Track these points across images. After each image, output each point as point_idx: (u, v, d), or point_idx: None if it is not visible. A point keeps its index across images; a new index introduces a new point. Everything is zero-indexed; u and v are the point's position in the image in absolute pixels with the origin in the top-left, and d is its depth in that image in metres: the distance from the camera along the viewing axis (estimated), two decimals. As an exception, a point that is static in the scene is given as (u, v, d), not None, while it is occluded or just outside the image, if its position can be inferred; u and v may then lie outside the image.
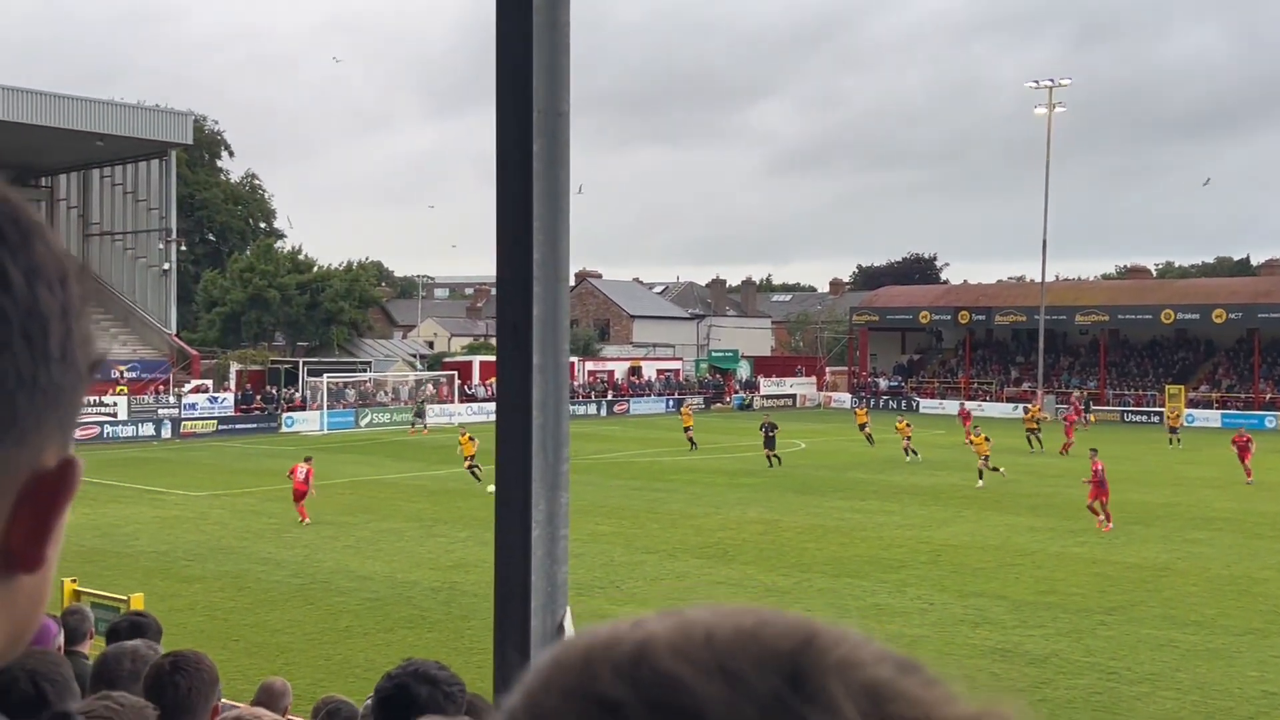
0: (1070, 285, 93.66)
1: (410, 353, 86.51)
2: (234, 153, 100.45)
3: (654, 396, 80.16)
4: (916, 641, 18.42)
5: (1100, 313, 79.78)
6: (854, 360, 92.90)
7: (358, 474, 40.92)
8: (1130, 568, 24.62)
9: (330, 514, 31.33)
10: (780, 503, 33.87)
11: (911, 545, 27.11)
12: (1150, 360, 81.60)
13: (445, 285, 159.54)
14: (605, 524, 29.55)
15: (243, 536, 27.80)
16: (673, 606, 0.79)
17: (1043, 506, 33.69)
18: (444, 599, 21.17)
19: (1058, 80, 77.92)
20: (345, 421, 62.71)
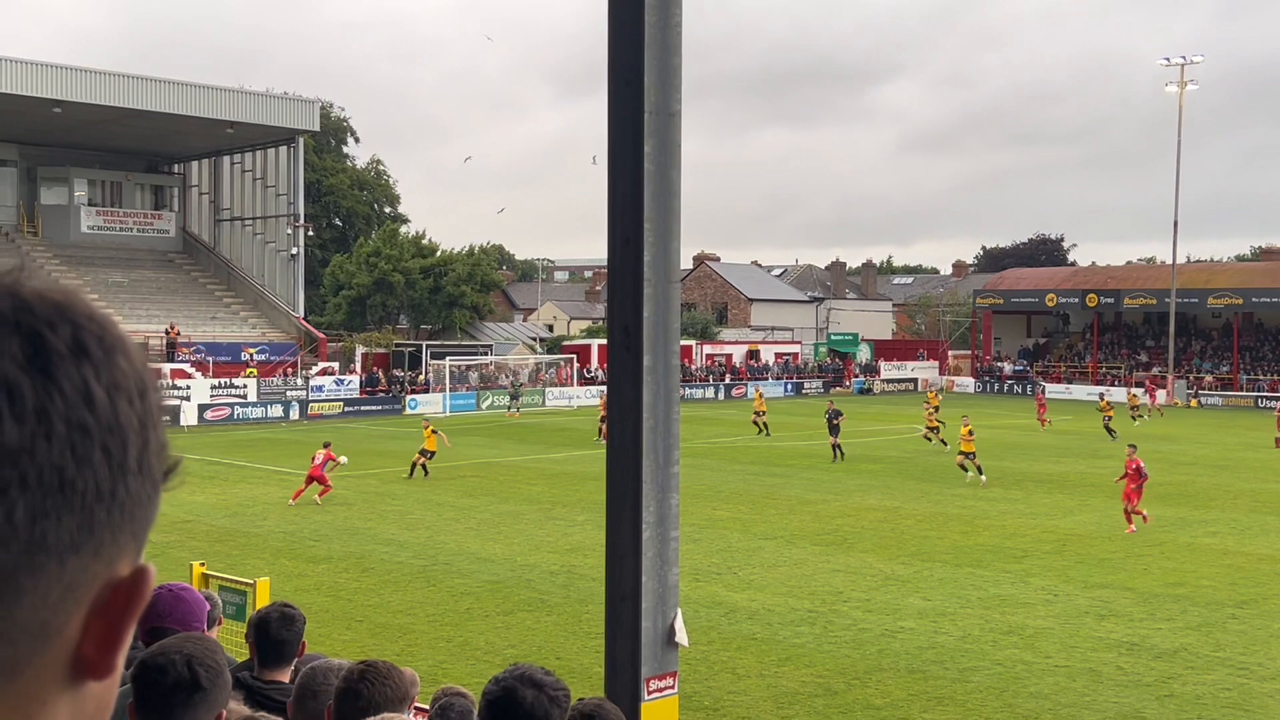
0: (1202, 267, 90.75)
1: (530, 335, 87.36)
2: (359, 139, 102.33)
3: (772, 380, 79.78)
4: (1039, 633, 18.08)
5: (1233, 295, 77.20)
6: (977, 344, 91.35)
7: (479, 456, 41.44)
8: (1264, 559, 23.82)
9: (451, 496, 31.80)
10: (900, 490, 33.47)
11: (1036, 534, 26.58)
12: (1288, 344, 78.78)
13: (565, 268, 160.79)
14: (723, 509, 29.51)
15: (367, 518, 28.34)
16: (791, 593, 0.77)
17: (1172, 495, 32.75)
18: (562, 583, 21.33)
19: (1190, 57, 75.55)
20: (467, 404, 63.57)
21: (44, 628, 0.89)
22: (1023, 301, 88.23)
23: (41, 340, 0.89)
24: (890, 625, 18.55)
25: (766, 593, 20.67)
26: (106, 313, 0.95)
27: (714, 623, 18.35)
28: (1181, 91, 75.79)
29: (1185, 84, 75.67)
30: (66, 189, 67.28)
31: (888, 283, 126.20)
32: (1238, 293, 77.19)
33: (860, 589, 21.02)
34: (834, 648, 17.27)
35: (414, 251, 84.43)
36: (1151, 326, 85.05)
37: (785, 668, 16.29)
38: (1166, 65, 76.70)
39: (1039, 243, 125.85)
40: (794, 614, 19.16)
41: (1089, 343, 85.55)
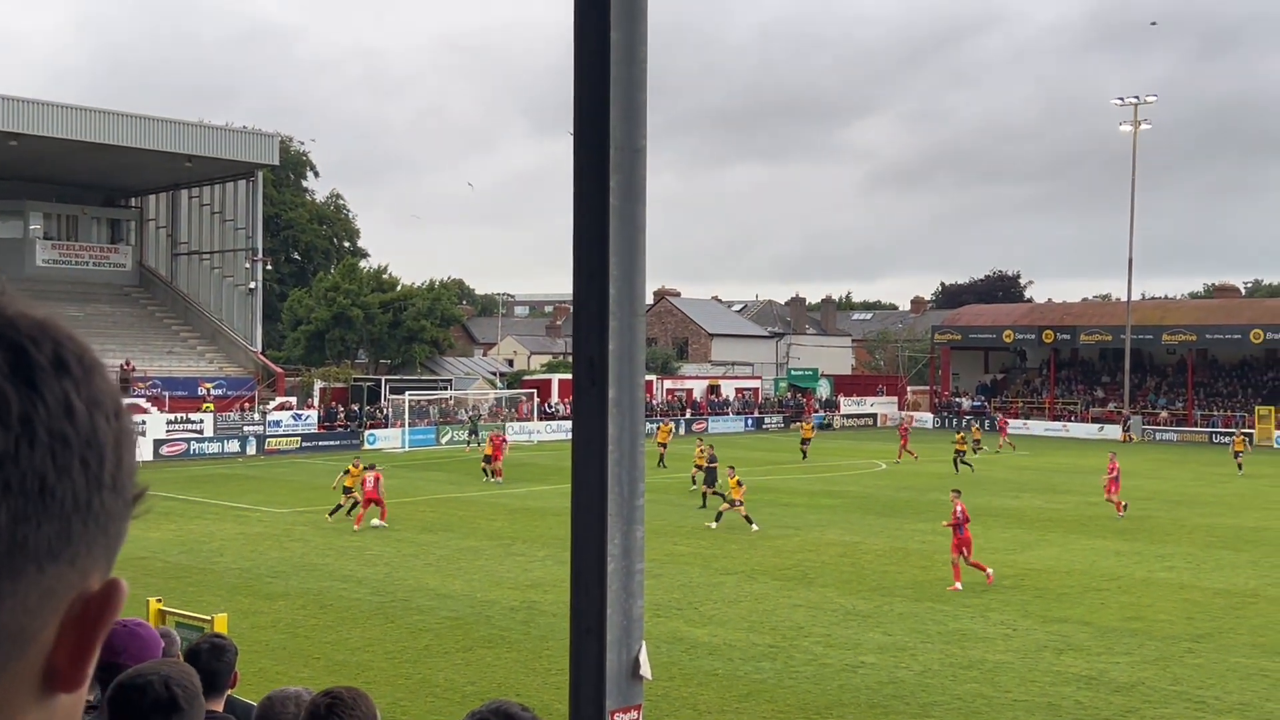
0: (1157, 304, 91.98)
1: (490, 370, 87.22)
2: (319, 173, 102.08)
3: (733, 415, 79.99)
4: (999, 668, 18.15)
5: (1188, 332, 78.26)
6: (935, 379, 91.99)
7: (438, 492, 41.24)
8: (1219, 594, 24.05)
9: (410, 532, 31.59)
10: (861, 525, 33.59)
11: (995, 569, 26.71)
12: (1239, 381, 79.83)
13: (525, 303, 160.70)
14: (684, 544, 29.49)
15: (325, 553, 28.12)
16: (752, 628, 0.79)
17: (1129, 530, 33.04)
18: (523, 619, 21.23)
19: (1144, 97, 76.86)
20: (426, 439, 63.31)
21: (21, 633, 0.91)
22: (980, 338, 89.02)
23: (25, 353, 0.91)
24: (851, 660, 18.57)
25: (727, 628, 20.66)
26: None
27: (675, 659, 18.30)
28: (1135, 131, 77.05)
29: (1139, 123, 76.94)
30: (21, 222, 66.66)
31: (847, 318, 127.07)
32: (1192, 329, 78.24)
33: (821, 624, 21.04)
34: (795, 683, 17.26)
35: (373, 286, 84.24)
36: (1107, 362, 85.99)
37: (746, 703, 16.26)
38: (1121, 105, 77.96)
39: (996, 279, 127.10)
40: (755, 649, 19.15)
41: (1046, 378, 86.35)
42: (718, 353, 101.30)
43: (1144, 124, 77.20)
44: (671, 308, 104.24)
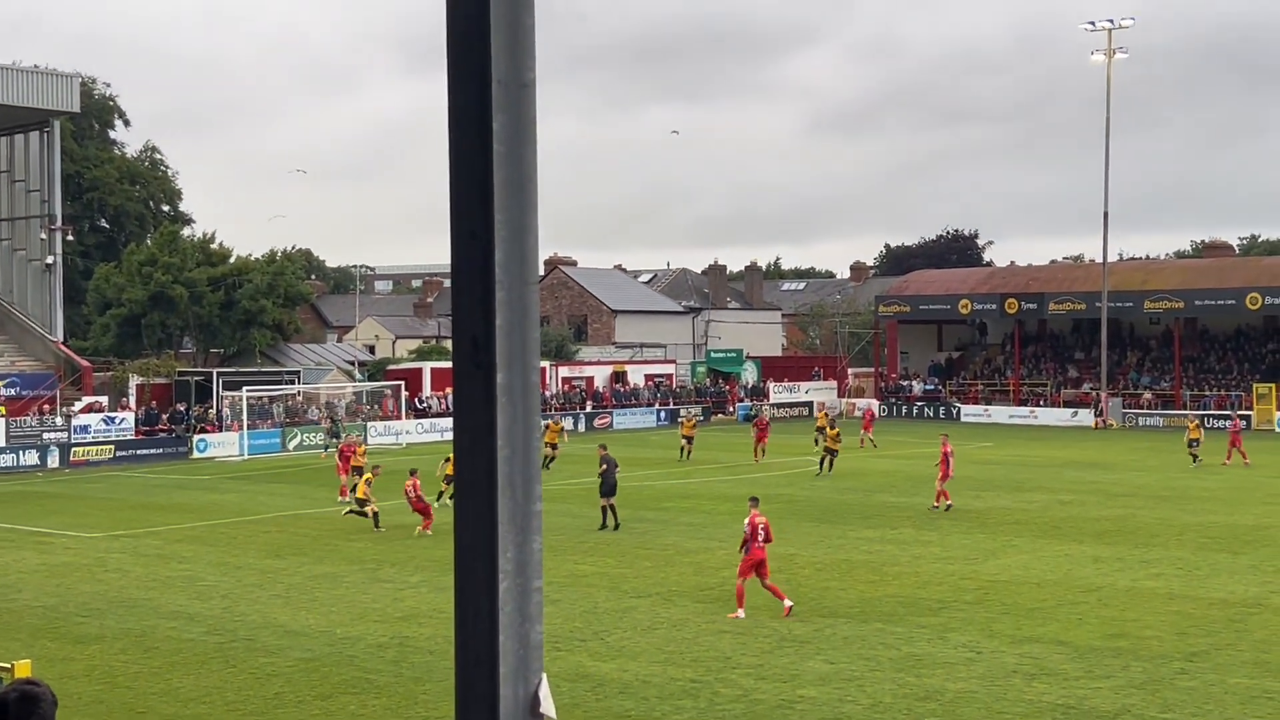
0: (1138, 266, 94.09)
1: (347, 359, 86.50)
2: (130, 122, 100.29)
3: (643, 407, 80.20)
4: (961, 698, 18.50)
5: (1174, 299, 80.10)
6: (881, 360, 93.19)
7: (286, 507, 40.88)
8: (1215, 604, 24.74)
9: (252, 557, 31.31)
10: (796, 533, 33.93)
11: (954, 582, 27.19)
12: (1234, 354, 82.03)
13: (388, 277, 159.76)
14: (586, 563, 29.57)
15: (148, 586, 27.75)
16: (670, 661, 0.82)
17: (1110, 533, 33.83)
18: (393, 658, 21.18)
19: (1119, 20, 78.25)
20: (270, 444, 62.67)
21: None
22: (932, 309, 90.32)
23: None
24: (788, 694, 18.80)
25: (640, 661, 20.79)
26: None
27: (578, 699, 18.38)
28: (1110, 61, 78.53)
29: (1114, 52, 78.41)
30: None
31: (776, 289, 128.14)
32: (1178, 295, 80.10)
33: (752, 652, 21.27)
34: (722, 724, 17.43)
35: (200, 259, 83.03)
36: (1081, 336, 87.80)
37: (665, 750, 16.40)
38: (1092, 30, 79.36)
39: (951, 240, 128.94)
40: (674, 685, 19.30)
41: (1009, 356, 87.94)
42: (623, 333, 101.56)
43: (1120, 53, 78.73)
44: (567, 279, 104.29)
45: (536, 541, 3.35)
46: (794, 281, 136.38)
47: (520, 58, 3.20)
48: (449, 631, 21.11)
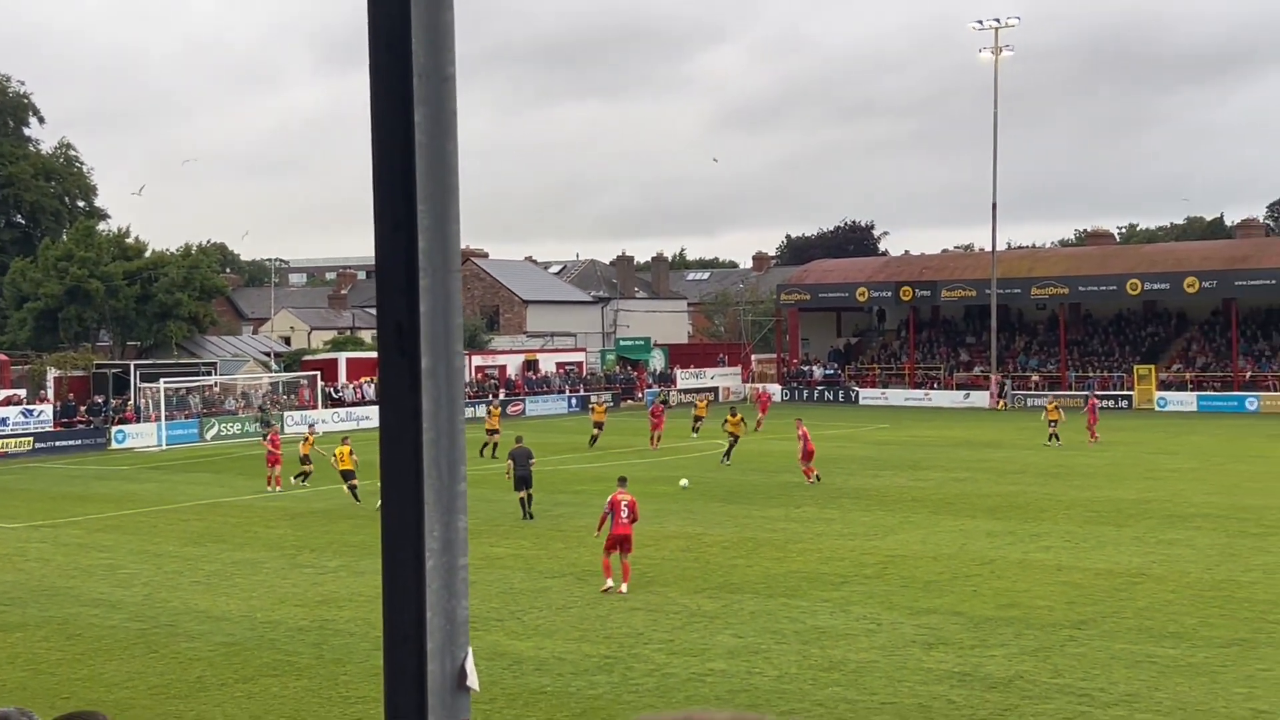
0: (1024, 254, 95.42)
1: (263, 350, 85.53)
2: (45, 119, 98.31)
3: (554, 394, 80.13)
4: (863, 668, 18.71)
5: (1058, 285, 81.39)
6: (783, 346, 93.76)
7: (205, 496, 40.39)
8: (1101, 575, 25.20)
9: (173, 545, 30.93)
10: (704, 514, 34.11)
11: (855, 557, 27.47)
12: (1116, 337, 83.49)
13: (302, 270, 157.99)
14: (501, 545, 29.52)
15: (69, 575, 27.32)
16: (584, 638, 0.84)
17: (1001, 508, 34.33)
18: (313, 640, 21.02)
19: (1005, 20, 79.26)
20: (188, 434, 61.86)
21: None
22: (831, 297, 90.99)
23: None
24: (698, 668, 18.90)
25: (556, 639, 20.80)
26: None
27: (496, 677, 18.35)
28: (996, 59, 79.51)
29: (1000, 50, 79.39)
30: None
31: (682, 279, 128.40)
32: (1063, 281, 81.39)
33: (663, 628, 21.36)
34: (635, 697, 17.49)
35: (115, 253, 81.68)
36: (972, 321, 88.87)
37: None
38: (979, 29, 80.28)
39: (848, 231, 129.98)
40: (588, 661, 19.33)
41: (905, 341, 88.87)
42: (534, 322, 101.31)
43: (1006, 50, 79.73)
44: (479, 271, 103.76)
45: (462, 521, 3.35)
46: (699, 271, 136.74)
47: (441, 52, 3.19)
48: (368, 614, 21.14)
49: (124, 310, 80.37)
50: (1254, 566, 25.73)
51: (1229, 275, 75.69)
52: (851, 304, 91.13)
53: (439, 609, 3.32)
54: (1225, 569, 25.54)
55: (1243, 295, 76.04)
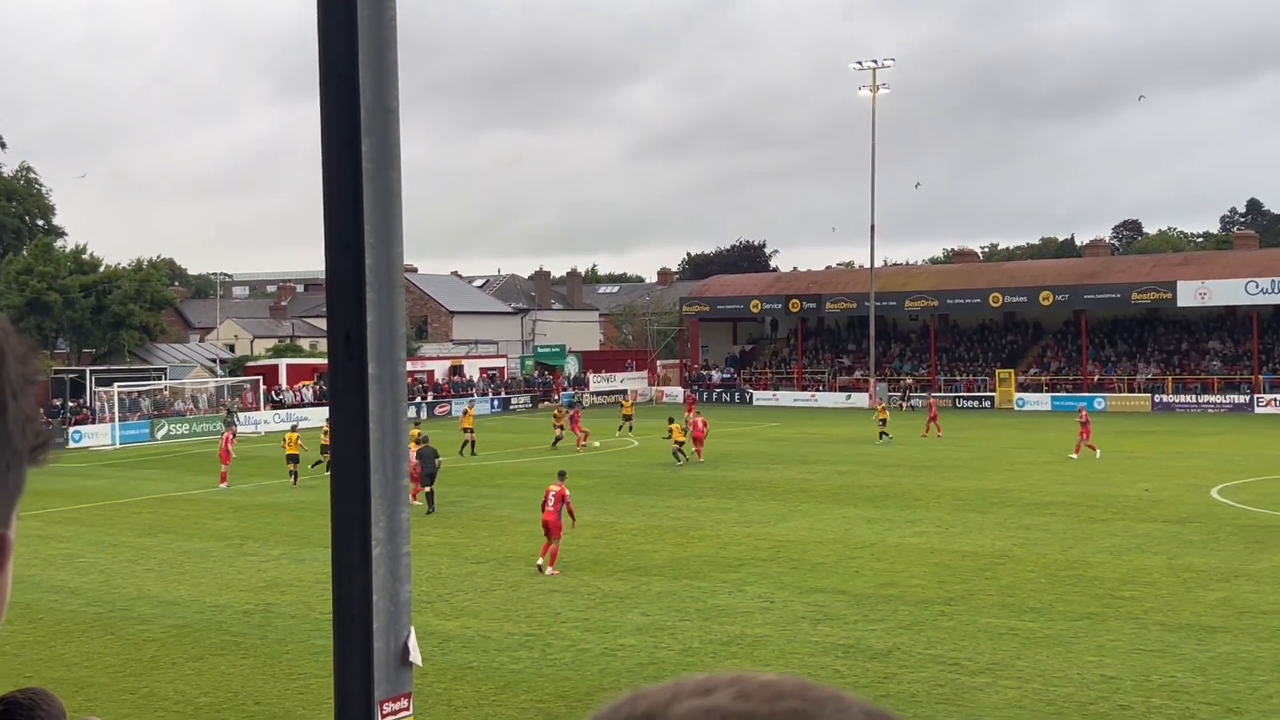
0: (899, 270, 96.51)
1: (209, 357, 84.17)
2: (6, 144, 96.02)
3: (478, 396, 79.77)
4: (758, 642, 18.82)
5: (929, 298, 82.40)
6: (685, 352, 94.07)
7: (157, 491, 39.72)
8: (968, 556, 25.55)
9: (127, 535, 30.37)
10: (614, 504, 34.12)
11: (750, 542, 27.63)
12: (980, 344, 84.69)
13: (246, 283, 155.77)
14: (430, 534, 29.31)
15: (30, 563, 26.68)
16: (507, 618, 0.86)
17: (880, 497, 34.68)
18: (258, 622, 20.74)
19: (882, 61, 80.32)
20: (139, 434, 60.77)
21: None
22: (728, 308, 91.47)
23: None
24: (610, 644, 18.91)
25: (481, 619, 20.70)
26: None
27: (427, 654, 18.17)
28: (874, 95, 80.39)
29: (877, 88, 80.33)
30: None
31: (594, 292, 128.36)
32: (933, 295, 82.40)
33: (578, 608, 21.33)
34: (553, 670, 17.47)
35: (73, 268, 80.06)
36: (853, 330, 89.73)
37: (504, 695, 16.37)
38: (859, 69, 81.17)
39: (743, 249, 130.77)
40: (510, 639, 19.27)
41: (794, 349, 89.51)
42: (459, 331, 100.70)
43: (882, 88, 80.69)
44: (408, 284, 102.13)
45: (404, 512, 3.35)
46: (609, 285, 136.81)
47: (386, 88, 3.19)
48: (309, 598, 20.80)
49: (80, 320, 78.78)
50: (1103, 549, 26.22)
51: (1079, 289, 77.08)
52: (746, 315, 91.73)
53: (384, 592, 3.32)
54: (1077, 550, 26.00)
55: (1091, 307, 77.47)
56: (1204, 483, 36.46)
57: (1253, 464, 41.49)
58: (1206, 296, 72.81)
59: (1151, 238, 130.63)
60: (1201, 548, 25.96)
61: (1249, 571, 23.36)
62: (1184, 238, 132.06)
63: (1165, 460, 43.21)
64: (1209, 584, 22.30)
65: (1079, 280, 78.15)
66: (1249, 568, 23.72)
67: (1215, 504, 32.43)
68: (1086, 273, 79.70)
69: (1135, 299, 75.17)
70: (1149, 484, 36.44)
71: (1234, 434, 54.05)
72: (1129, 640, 18.48)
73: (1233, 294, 72.19)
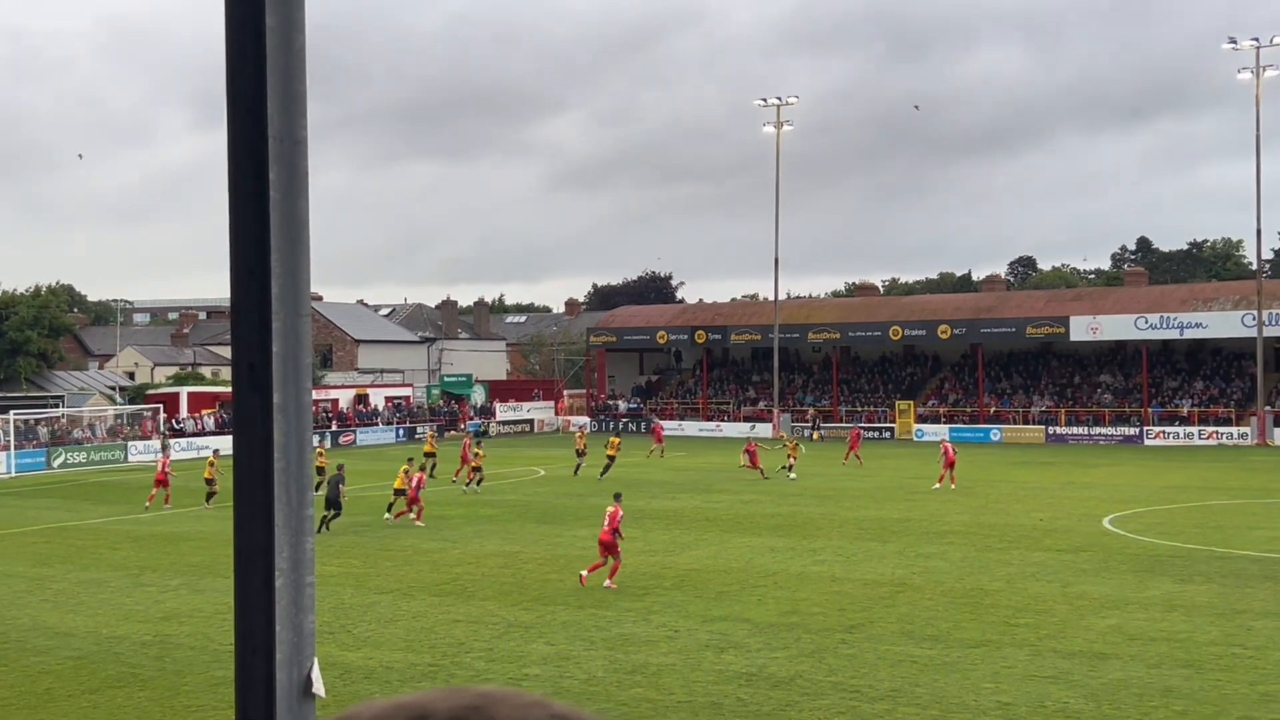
0: (803, 303, 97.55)
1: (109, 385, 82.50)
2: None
3: (383, 426, 78.99)
4: (662, 670, 18.80)
5: (832, 330, 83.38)
6: (591, 382, 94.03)
7: (53, 520, 38.72)
8: (868, 584, 25.80)
9: (21, 566, 29.56)
10: (520, 534, 33.95)
11: (655, 571, 27.63)
12: (880, 376, 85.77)
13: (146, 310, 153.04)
14: (333, 564, 28.92)
15: (-82, 596, 25.88)
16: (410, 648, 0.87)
17: (783, 526, 34.90)
18: (156, 654, 20.29)
19: (785, 99, 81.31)
20: (35, 463, 59.27)
21: None
22: (635, 339, 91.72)
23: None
24: (515, 673, 18.78)
25: (384, 649, 20.45)
26: None
27: (328, 685, 17.83)
28: (779, 132, 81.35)
29: (782, 124, 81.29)
30: None
31: (502, 322, 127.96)
32: (835, 327, 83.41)
33: (483, 638, 21.17)
34: (457, 702, 17.27)
35: (-32, 293, 78.16)
36: (758, 362, 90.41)
37: (407, 727, 16.15)
38: (763, 106, 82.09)
39: (649, 280, 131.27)
40: (414, 669, 19.05)
41: (699, 379, 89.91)
42: (365, 359, 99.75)
43: (787, 125, 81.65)
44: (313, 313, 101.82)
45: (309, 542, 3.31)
46: (517, 315, 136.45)
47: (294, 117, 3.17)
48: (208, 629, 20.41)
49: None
50: (999, 576, 26.62)
51: (976, 324, 78.50)
52: (653, 345, 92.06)
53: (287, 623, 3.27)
54: (974, 579, 26.37)
55: (987, 341, 78.93)
56: (1096, 512, 37.21)
57: (1143, 494, 42.45)
58: (1098, 331, 74.53)
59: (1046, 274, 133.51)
60: (1094, 576, 26.47)
61: (1139, 599, 23.87)
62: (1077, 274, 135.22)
63: (1059, 490, 44.04)
64: (1101, 611, 22.74)
65: (976, 314, 79.61)
66: (1139, 595, 24.24)
67: (1107, 533, 33.11)
68: (983, 307, 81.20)
69: (1030, 333, 76.75)
70: (1043, 514, 37.11)
71: (1125, 465, 55.28)
72: (1024, 667, 18.76)
73: (1123, 329, 74.00)
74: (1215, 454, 62.26)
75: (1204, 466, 54.16)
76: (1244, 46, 68.93)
